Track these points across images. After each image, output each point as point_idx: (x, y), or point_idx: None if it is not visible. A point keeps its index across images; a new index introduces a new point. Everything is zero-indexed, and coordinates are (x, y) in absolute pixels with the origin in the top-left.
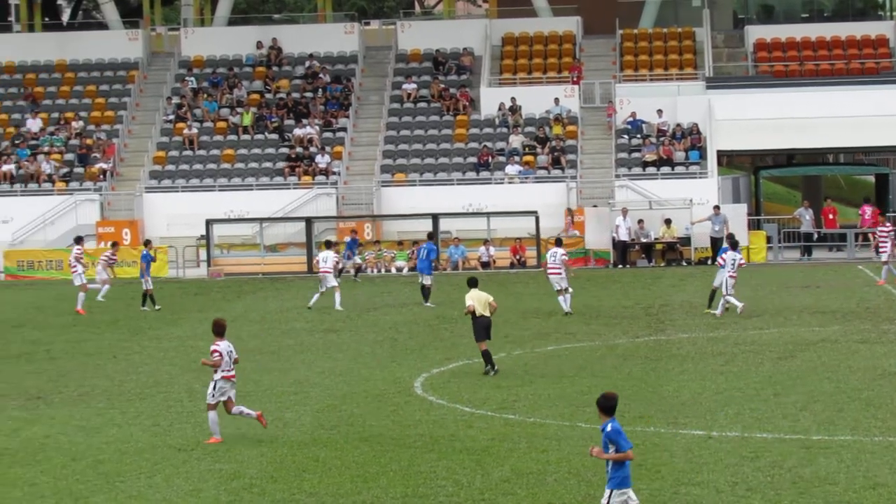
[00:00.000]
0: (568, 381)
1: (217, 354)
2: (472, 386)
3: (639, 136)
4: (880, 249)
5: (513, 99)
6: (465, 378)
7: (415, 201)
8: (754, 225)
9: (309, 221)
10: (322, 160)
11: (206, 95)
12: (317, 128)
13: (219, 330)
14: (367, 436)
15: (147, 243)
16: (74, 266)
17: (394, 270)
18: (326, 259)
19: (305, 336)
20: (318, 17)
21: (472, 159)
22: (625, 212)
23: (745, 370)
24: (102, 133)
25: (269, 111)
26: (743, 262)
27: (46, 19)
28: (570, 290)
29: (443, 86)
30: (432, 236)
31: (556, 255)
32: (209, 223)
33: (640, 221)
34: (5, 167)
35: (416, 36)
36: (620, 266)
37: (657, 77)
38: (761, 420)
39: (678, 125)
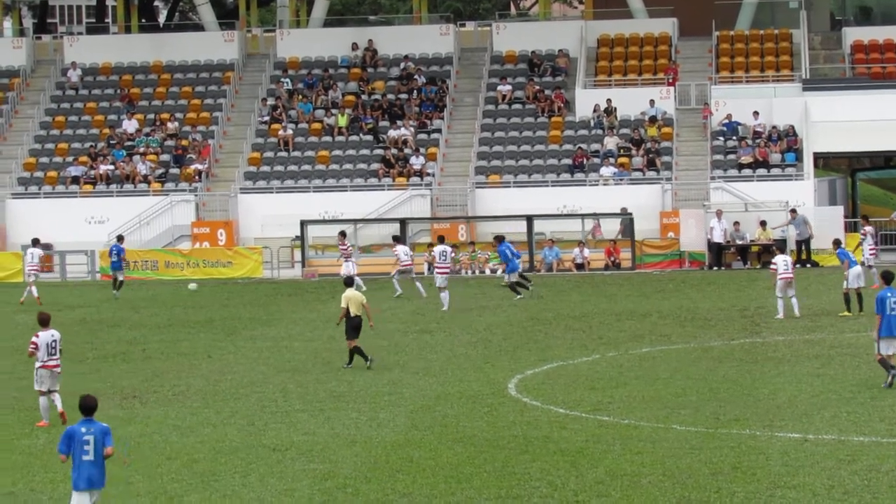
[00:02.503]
0: (662, 383)
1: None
2: (566, 387)
3: (734, 137)
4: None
5: (608, 100)
6: (559, 379)
7: (509, 203)
8: (851, 227)
9: (403, 223)
10: (416, 161)
11: (301, 97)
12: (411, 129)
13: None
14: (461, 437)
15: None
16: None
17: (487, 272)
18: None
19: (399, 337)
20: (414, 18)
21: (567, 161)
22: (719, 213)
23: (842, 373)
24: (198, 134)
25: (363, 112)
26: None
27: (143, 21)
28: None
29: (538, 87)
30: (502, 239)
31: (445, 254)
32: (304, 224)
33: (736, 223)
34: (102, 168)
35: (511, 37)
36: (715, 268)
37: (753, 79)
38: (858, 423)
39: (774, 127)
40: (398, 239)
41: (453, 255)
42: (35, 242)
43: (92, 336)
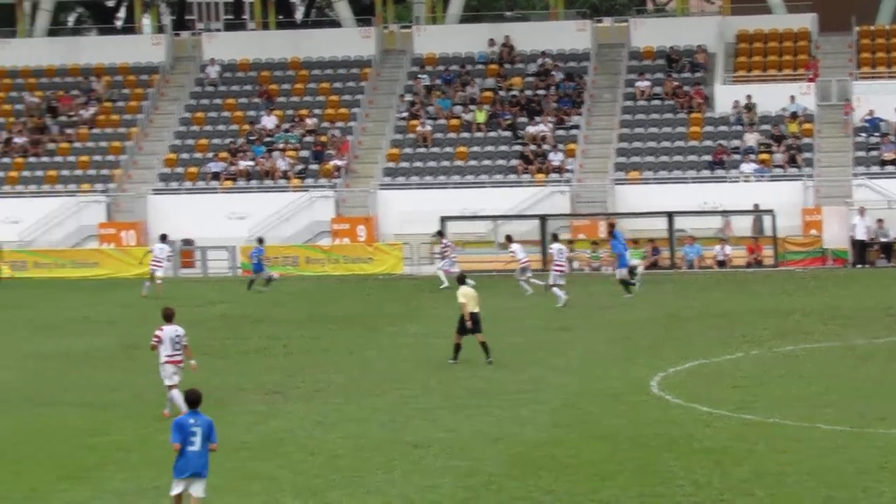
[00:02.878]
0: (806, 381)
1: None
2: (709, 385)
3: (877, 134)
4: None
5: (748, 96)
6: (702, 377)
7: (649, 199)
8: None
9: (543, 219)
10: (555, 158)
11: (438, 93)
12: (549, 125)
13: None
14: (603, 434)
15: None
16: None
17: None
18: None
19: (538, 334)
20: (550, 14)
21: (707, 157)
22: (862, 211)
23: None
24: (337, 130)
25: (502, 108)
26: None
27: (280, 17)
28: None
29: (676, 83)
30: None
31: (562, 252)
32: (443, 220)
33: (880, 221)
34: (241, 164)
35: (648, 33)
36: (859, 265)
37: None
38: None
39: None
40: (511, 238)
41: (569, 253)
42: (163, 238)
43: (233, 332)
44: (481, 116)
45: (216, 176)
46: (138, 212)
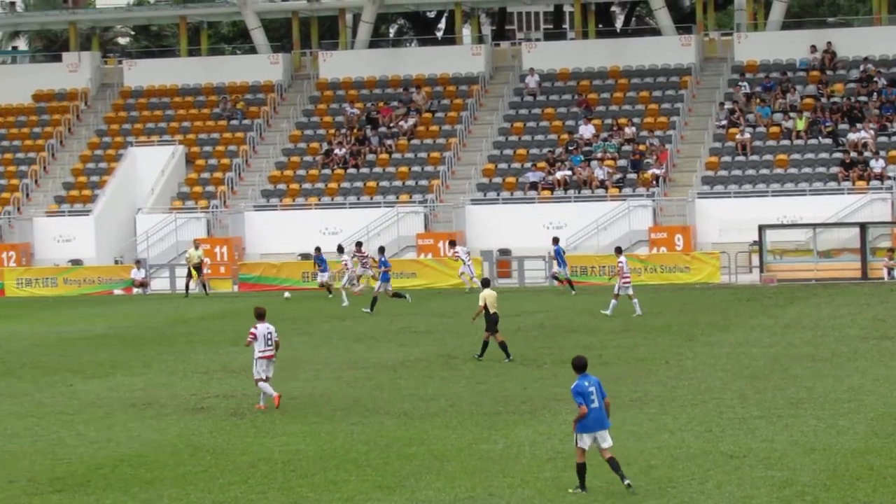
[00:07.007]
0: None
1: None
2: None
3: None
4: None
5: None
6: None
7: None
8: None
9: (863, 227)
10: (877, 165)
11: (758, 100)
12: (871, 132)
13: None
14: None
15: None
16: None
17: None
18: None
19: (859, 343)
20: (874, 19)
21: None
22: None
23: None
24: (655, 139)
25: (822, 115)
26: None
27: (600, 26)
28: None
29: None
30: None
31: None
32: (762, 228)
33: None
34: (559, 173)
35: None
36: None
37: None
38: None
39: None
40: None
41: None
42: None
43: (549, 341)
44: (802, 124)
45: (534, 186)
46: (456, 222)
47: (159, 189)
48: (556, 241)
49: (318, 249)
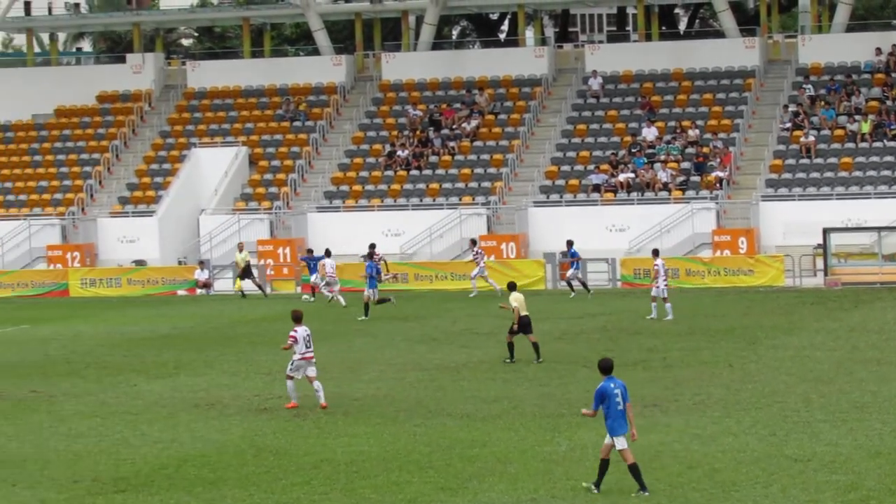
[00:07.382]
0: None
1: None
2: None
3: None
4: None
5: None
6: None
7: None
8: None
9: None
10: None
11: (823, 103)
12: None
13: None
14: None
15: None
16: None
17: None
18: None
19: None
20: None
21: None
22: None
23: None
24: (718, 141)
25: (887, 118)
26: None
27: (663, 28)
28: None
29: None
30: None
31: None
32: (826, 232)
33: None
34: (622, 176)
35: None
36: None
37: None
38: None
39: None
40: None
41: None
42: (328, 254)
43: (613, 344)
44: (866, 126)
45: (597, 188)
46: (519, 224)
47: (223, 190)
48: (570, 243)
49: (309, 251)
